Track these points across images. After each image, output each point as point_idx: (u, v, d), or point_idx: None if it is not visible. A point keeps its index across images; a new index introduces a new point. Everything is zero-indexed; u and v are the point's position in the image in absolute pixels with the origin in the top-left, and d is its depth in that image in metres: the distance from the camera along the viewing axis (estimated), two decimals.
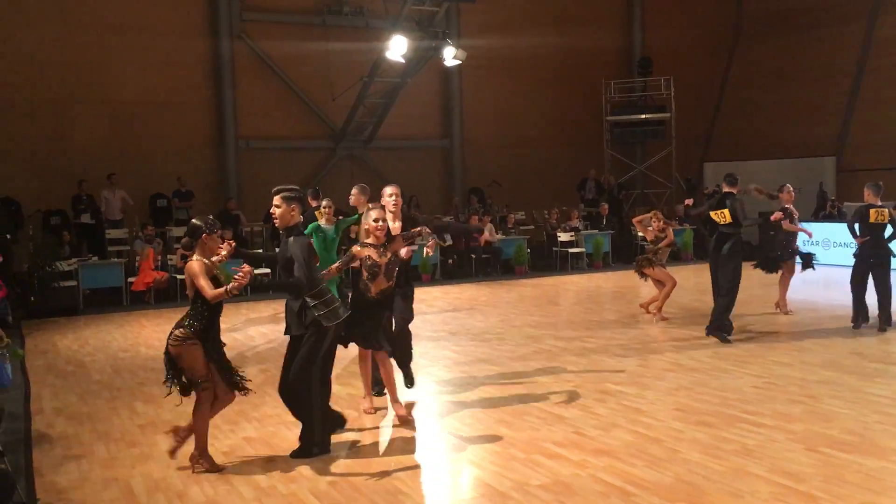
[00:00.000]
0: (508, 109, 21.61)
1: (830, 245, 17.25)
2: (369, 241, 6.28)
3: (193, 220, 5.50)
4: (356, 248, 6.28)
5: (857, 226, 9.79)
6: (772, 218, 10.82)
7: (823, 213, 19.15)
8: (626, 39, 23.82)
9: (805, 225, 18.19)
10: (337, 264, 6.31)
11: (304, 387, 5.66)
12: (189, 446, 5.61)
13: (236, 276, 5.07)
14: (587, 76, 22.26)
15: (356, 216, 7.75)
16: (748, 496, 4.70)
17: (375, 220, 6.26)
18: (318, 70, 19.11)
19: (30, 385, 8.36)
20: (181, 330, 5.35)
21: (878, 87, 20.65)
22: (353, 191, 8.17)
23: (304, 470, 5.48)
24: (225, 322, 12.75)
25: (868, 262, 9.68)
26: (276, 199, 5.66)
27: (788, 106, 22.18)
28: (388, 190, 7.20)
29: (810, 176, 20.68)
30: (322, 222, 7.92)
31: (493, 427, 6.30)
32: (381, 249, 6.28)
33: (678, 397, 6.97)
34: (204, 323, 5.39)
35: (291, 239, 5.61)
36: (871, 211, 9.62)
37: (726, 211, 9.48)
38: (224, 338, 10.87)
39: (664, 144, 22.10)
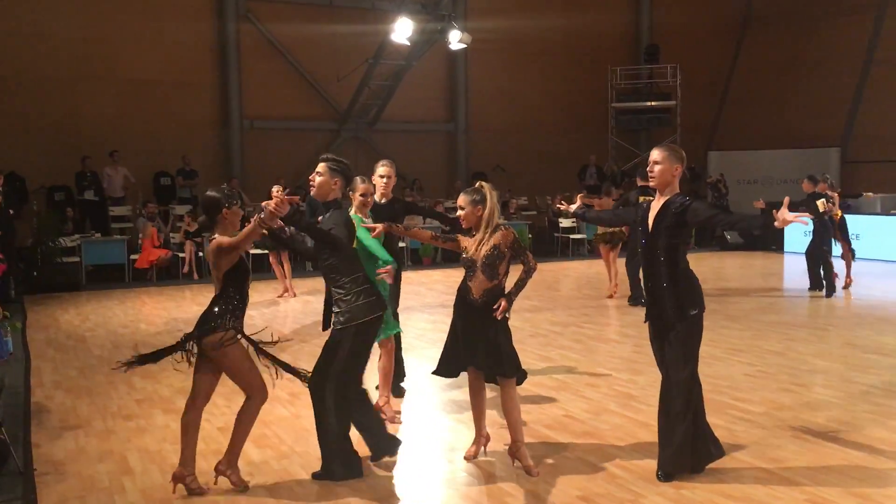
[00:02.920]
0: (514, 94, 21.60)
1: None
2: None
3: (209, 193, 4.75)
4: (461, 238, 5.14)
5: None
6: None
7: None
8: (633, 26, 23.75)
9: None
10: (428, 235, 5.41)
11: (318, 397, 4.89)
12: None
13: (267, 207, 4.43)
14: (593, 62, 22.23)
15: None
16: (732, 481, 4.77)
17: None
18: (324, 51, 19.12)
19: (30, 358, 8.47)
20: (216, 334, 4.62)
21: (886, 79, 20.58)
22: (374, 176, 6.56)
23: (296, 446, 5.57)
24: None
25: None
26: (321, 167, 4.96)
27: (794, 96, 22.12)
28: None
29: (814, 167, 20.63)
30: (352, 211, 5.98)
31: (487, 410, 6.36)
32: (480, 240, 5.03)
33: None
34: (238, 315, 4.71)
35: (329, 213, 4.91)
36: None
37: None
38: None
39: (669, 132, 22.07)
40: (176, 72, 18.11)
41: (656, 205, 4.83)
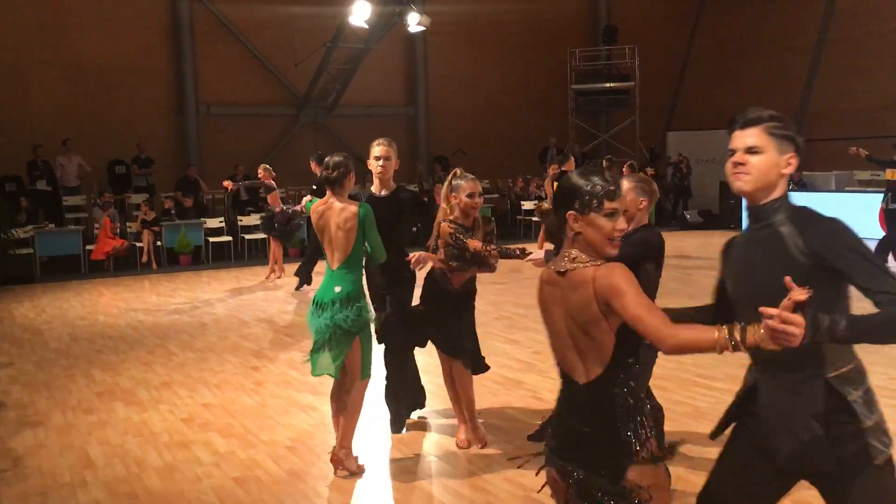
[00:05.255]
0: (473, 77, 21.52)
1: None
2: (456, 218, 4.98)
3: (593, 177, 2.48)
4: (445, 226, 4.93)
5: None
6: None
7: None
8: (591, 7, 23.79)
9: None
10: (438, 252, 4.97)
11: None
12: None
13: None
14: (552, 44, 22.22)
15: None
16: (698, 457, 4.83)
17: (471, 196, 4.95)
18: (281, 35, 18.84)
19: None
20: (638, 461, 2.38)
21: (839, 58, 20.90)
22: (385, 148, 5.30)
23: (262, 435, 5.50)
24: (185, 290, 12.67)
25: None
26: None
27: (751, 76, 22.37)
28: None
29: None
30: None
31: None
32: (469, 232, 4.97)
33: None
34: (647, 417, 2.44)
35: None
36: None
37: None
38: (184, 306, 10.81)
39: (628, 113, 22.20)
40: (128, 56, 17.69)
41: None
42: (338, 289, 4.56)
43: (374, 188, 5.37)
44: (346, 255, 4.61)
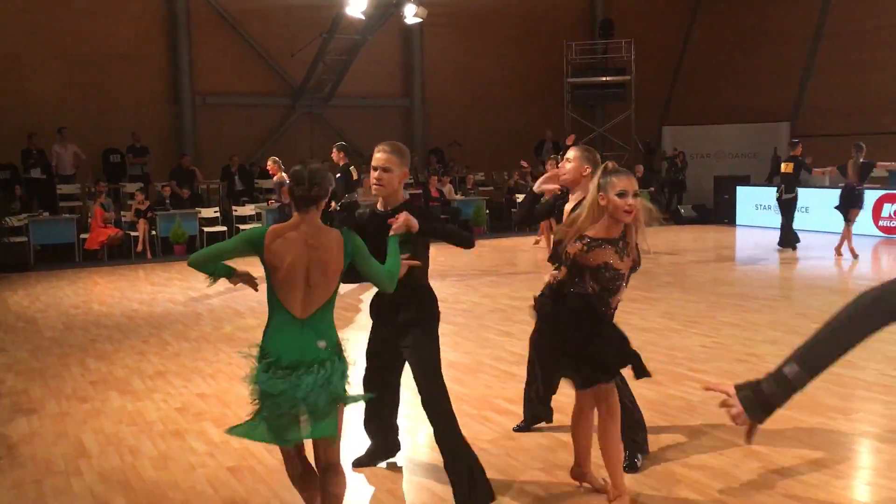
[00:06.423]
0: (469, 69, 21.51)
1: None
2: (598, 231, 3.83)
3: None
4: (574, 247, 3.80)
5: None
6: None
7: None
8: (588, 0, 23.77)
9: (759, 189, 18.59)
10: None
11: None
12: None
13: None
14: (549, 37, 22.22)
15: None
16: (690, 450, 4.86)
17: (622, 195, 3.74)
18: (277, 25, 18.80)
19: None
20: None
21: (835, 53, 20.93)
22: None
23: None
24: (179, 280, 12.68)
25: None
26: None
27: (747, 71, 22.39)
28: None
29: (766, 141, 21.00)
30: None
31: (447, 384, 6.38)
32: (623, 245, 3.90)
33: None
34: None
35: None
36: None
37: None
38: (179, 296, 10.85)
39: (624, 107, 22.22)
40: (124, 45, 17.64)
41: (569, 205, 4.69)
42: (322, 344, 3.42)
43: (378, 203, 4.22)
44: (327, 299, 3.46)
